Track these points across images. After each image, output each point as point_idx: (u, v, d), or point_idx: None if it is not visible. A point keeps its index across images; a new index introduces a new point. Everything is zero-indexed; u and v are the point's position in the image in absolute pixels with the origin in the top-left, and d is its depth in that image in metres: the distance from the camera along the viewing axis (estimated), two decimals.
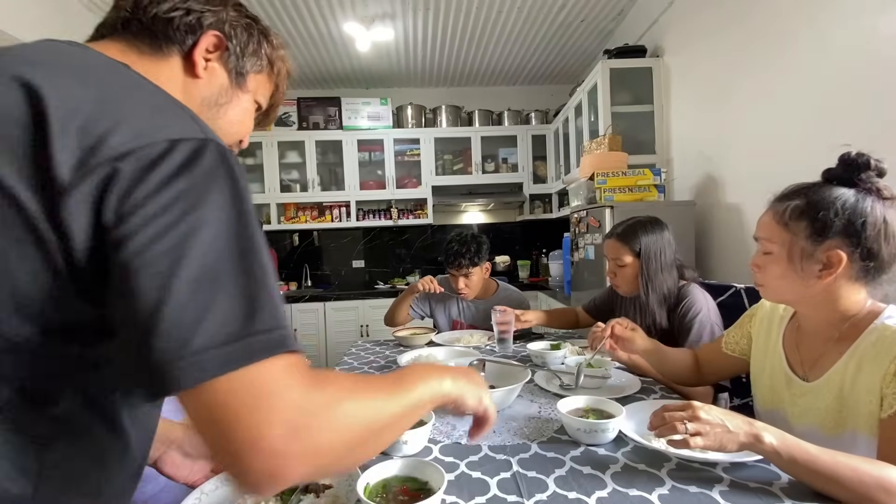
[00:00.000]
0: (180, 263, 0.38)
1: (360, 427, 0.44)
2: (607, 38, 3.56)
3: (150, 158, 0.41)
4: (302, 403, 0.40)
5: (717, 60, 2.32)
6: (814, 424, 0.89)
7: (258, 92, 0.69)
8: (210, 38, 0.61)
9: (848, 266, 0.83)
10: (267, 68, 0.69)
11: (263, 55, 0.68)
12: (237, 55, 0.64)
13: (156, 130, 0.42)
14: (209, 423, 0.38)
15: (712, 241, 2.43)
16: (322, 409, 0.41)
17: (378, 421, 0.46)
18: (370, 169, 4.25)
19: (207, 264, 0.39)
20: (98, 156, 0.40)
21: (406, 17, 3.15)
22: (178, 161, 0.41)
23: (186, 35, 0.59)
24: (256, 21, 0.67)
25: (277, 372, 0.40)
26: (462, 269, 1.98)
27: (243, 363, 0.38)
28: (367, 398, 0.46)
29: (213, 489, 0.81)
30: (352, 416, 0.43)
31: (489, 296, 2.14)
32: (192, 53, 0.60)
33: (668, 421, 0.79)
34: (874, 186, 0.85)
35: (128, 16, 0.58)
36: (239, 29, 0.64)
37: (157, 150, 0.41)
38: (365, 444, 0.45)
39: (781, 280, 0.90)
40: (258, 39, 0.67)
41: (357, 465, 0.60)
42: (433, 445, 0.96)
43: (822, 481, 0.71)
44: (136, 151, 0.40)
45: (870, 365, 0.81)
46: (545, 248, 4.45)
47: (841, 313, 0.88)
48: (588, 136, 3.10)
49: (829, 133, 1.66)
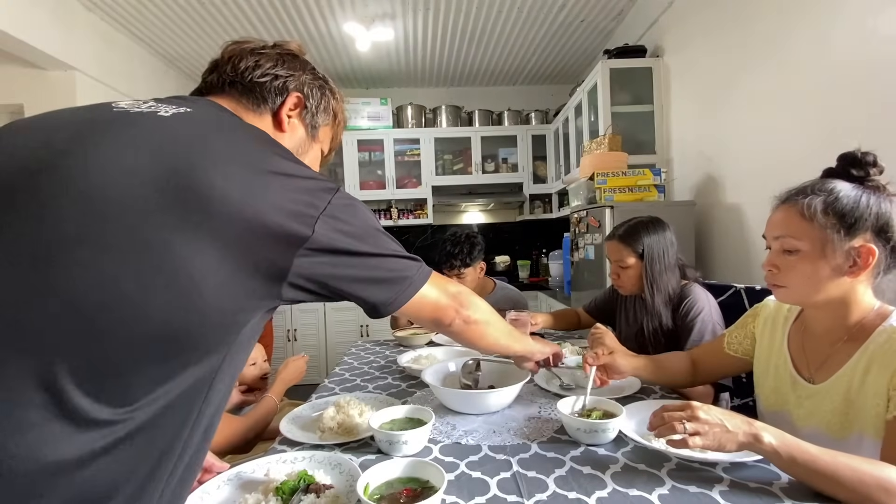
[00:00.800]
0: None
1: (487, 307, 0.90)
2: (607, 38, 3.56)
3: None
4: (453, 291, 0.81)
5: (717, 60, 2.32)
6: (820, 427, 0.88)
7: (325, 142, 0.82)
8: (293, 98, 0.74)
9: (876, 261, 0.82)
10: (332, 120, 0.82)
11: (331, 109, 0.81)
12: (313, 112, 0.77)
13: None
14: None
15: (712, 241, 2.43)
16: (463, 293, 0.84)
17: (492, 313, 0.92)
18: (370, 169, 4.25)
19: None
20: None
21: (406, 17, 3.15)
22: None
23: (276, 96, 0.72)
24: (327, 81, 0.81)
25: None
26: (454, 269, 1.98)
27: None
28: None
29: (215, 488, 0.81)
30: (481, 300, 0.89)
31: (486, 295, 2.13)
32: (279, 112, 0.73)
33: (667, 421, 0.79)
34: (879, 184, 0.85)
35: (231, 78, 0.71)
36: (315, 90, 0.77)
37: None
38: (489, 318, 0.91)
39: (809, 279, 0.86)
40: (328, 97, 0.80)
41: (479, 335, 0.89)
42: (433, 445, 0.96)
43: (822, 481, 0.71)
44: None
45: (878, 367, 0.80)
46: (545, 248, 4.45)
47: (853, 314, 0.87)
48: (588, 136, 3.10)
49: (830, 133, 1.66)
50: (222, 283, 0.52)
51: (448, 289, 0.80)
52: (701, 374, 1.20)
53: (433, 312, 0.78)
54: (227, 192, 0.51)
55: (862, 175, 0.86)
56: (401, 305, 0.70)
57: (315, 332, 3.92)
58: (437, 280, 0.78)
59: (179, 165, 0.51)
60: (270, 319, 3.55)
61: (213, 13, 2.97)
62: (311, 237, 0.56)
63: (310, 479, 0.79)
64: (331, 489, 0.78)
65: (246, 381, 1.65)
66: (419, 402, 1.20)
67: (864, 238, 0.82)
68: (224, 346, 0.55)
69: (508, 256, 4.40)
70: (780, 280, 0.90)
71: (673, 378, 1.21)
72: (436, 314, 0.78)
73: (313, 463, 0.88)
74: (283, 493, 0.76)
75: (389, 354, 1.76)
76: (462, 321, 0.82)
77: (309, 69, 0.78)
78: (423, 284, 0.72)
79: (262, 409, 1.40)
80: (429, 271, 0.74)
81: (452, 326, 0.81)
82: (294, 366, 1.59)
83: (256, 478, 0.84)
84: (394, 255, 0.68)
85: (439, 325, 0.81)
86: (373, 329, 3.93)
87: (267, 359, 1.75)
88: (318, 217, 0.57)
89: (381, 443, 0.93)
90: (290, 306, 3.86)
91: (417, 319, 0.79)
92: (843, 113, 1.61)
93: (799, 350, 0.97)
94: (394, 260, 0.68)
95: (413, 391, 1.32)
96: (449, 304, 0.79)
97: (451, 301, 0.80)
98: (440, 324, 0.81)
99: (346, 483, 0.81)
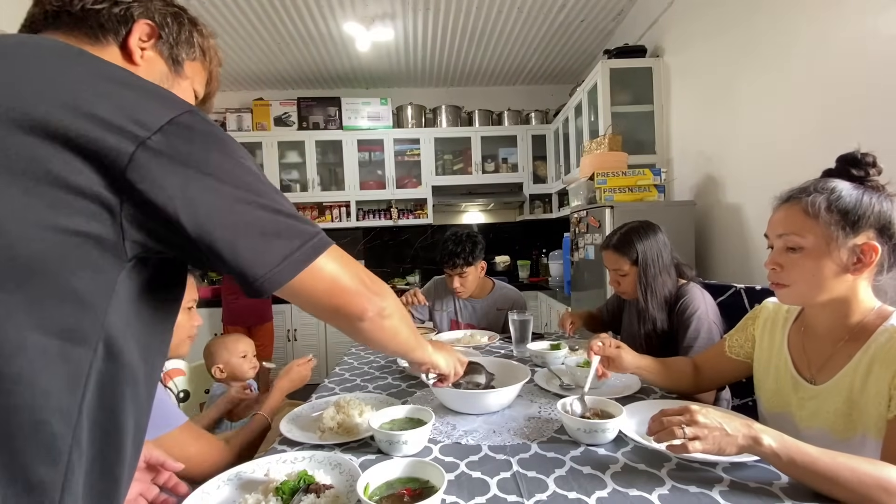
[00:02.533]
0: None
1: (397, 299, 0.69)
2: (607, 38, 3.56)
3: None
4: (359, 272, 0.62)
5: (717, 60, 2.32)
6: (823, 428, 0.88)
7: (195, 80, 0.72)
8: (142, 26, 0.63)
9: (878, 258, 0.83)
10: (200, 56, 0.71)
11: (196, 43, 0.70)
12: (171, 43, 0.66)
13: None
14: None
15: (712, 241, 2.43)
16: (377, 280, 0.65)
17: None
18: (370, 169, 4.26)
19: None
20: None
21: (406, 17, 3.15)
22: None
23: (119, 25, 0.61)
24: (184, 10, 0.70)
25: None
26: (457, 268, 1.98)
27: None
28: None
29: (215, 488, 0.81)
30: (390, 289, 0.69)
31: (485, 295, 2.14)
32: (127, 43, 0.62)
33: (666, 426, 0.78)
34: (878, 184, 0.86)
35: (55, 9, 0.59)
36: (169, 18, 0.66)
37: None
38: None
39: (812, 277, 0.86)
40: (189, 28, 0.69)
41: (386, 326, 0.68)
42: (433, 445, 0.96)
43: (821, 482, 0.71)
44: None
45: (880, 367, 0.81)
46: (545, 248, 4.45)
47: (854, 314, 0.87)
48: (588, 136, 3.10)
49: (830, 132, 1.66)
50: (28, 221, 0.42)
51: (355, 268, 0.61)
52: (704, 379, 1.19)
53: (336, 297, 0.58)
54: (4, 91, 0.43)
55: (862, 175, 0.87)
56: (284, 280, 0.52)
57: (315, 332, 3.92)
58: (342, 255, 0.60)
59: None
60: (270, 321, 3.55)
61: (213, 13, 2.97)
62: (144, 150, 0.44)
63: (310, 479, 0.79)
64: (331, 489, 0.78)
65: (236, 376, 1.65)
66: (419, 402, 1.20)
67: (867, 235, 0.83)
68: (87, 327, 0.46)
69: (508, 256, 4.40)
70: (782, 278, 0.90)
71: (676, 383, 1.20)
72: (341, 301, 0.59)
73: (313, 463, 0.88)
74: (283, 493, 0.76)
75: (389, 354, 1.76)
76: (377, 314, 0.63)
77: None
78: (319, 255, 0.55)
79: (251, 430, 1.19)
80: (329, 241, 0.57)
81: (365, 321, 0.62)
82: (297, 374, 1.42)
83: (256, 478, 0.84)
84: (278, 210, 0.52)
85: (346, 316, 0.61)
86: None
87: (256, 354, 1.74)
88: (158, 128, 0.46)
89: (381, 443, 0.93)
90: (289, 306, 3.86)
91: (312, 306, 0.59)
92: (843, 113, 1.61)
93: (800, 351, 0.97)
94: (278, 217, 0.52)
95: (413, 391, 1.32)
96: (359, 290, 0.60)
97: (362, 286, 0.61)
98: (347, 315, 0.61)
99: (346, 483, 0.81)
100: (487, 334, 1.91)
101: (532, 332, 1.68)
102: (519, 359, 1.56)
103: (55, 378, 0.44)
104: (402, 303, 0.83)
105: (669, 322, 1.48)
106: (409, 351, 0.83)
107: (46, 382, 0.44)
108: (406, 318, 0.75)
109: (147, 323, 0.52)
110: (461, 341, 1.85)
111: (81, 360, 0.46)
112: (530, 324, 1.66)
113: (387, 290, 0.67)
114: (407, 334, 0.76)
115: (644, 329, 1.49)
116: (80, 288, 0.45)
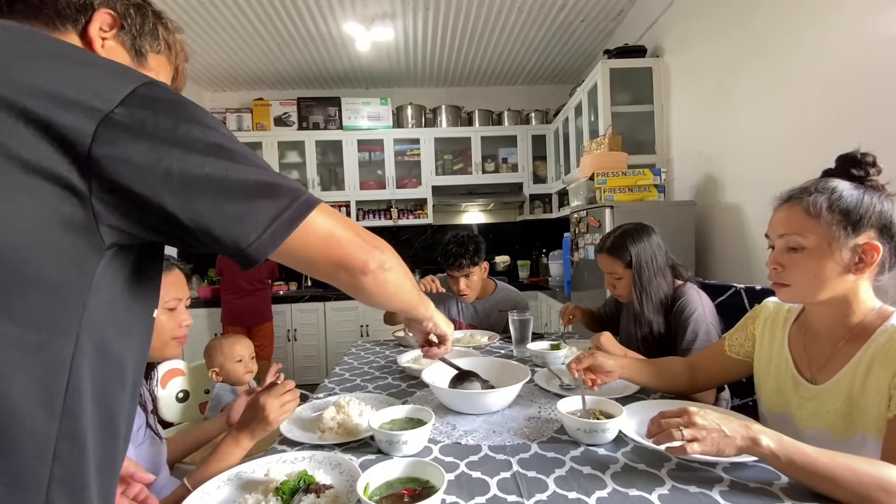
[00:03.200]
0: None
1: (396, 254, 0.68)
2: (607, 38, 3.56)
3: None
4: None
5: (717, 60, 2.32)
6: (823, 428, 0.88)
7: (160, 73, 0.70)
8: (103, 15, 0.61)
9: (880, 258, 0.83)
10: (166, 50, 0.70)
11: (160, 36, 0.68)
12: (133, 34, 0.64)
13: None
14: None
15: (712, 241, 2.43)
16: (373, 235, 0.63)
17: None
18: (370, 169, 4.26)
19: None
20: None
21: (406, 17, 3.15)
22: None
23: (78, 13, 0.59)
24: (148, 3, 0.68)
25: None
26: (462, 269, 1.98)
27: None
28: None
29: (215, 488, 0.81)
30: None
31: (487, 296, 2.14)
32: (87, 31, 0.60)
33: (665, 428, 0.79)
34: (878, 184, 0.86)
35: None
36: (132, 9, 0.65)
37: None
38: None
39: (814, 277, 0.86)
40: (153, 21, 0.67)
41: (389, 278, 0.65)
42: (433, 445, 0.96)
43: (821, 482, 0.71)
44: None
45: (879, 366, 0.81)
46: (545, 248, 4.45)
47: (855, 313, 0.87)
48: (588, 136, 3.10)
49: (830, 132, 1.66)
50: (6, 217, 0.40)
51: (350, 223, 0.59)
52: (701, 379, 1.19)
53: (333, 251, 0.56)
54: None
55: (862, 175, 0.87)
56: (278, 241, 0.50)
57: (315, 332, 3.92)
58: (334, 212, 0.57)
59: None
60: (270, 321, 3.55)
61: (213, 13, 2.97)
62: (108, 125, 0.42)
63: (310, 479, 0.79)
64: (331, 489, 0.78)
65: (231, 381, 1.64)
66: (419, 402, 1.20)
67: (869, 235, 0.83)
68: (66, 319, 0.44)
69: (508, 256, 4.40)
70: (784, 278, 0.90)
71: (669, 383, 1.20)
72: (339, 255, 0.57)
73: (313, 463, 0.88)
74: (283, 493, 0.76)
75: (389, 354, 1.76)
76: (378, 266, 0.61)
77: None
78: (310, 212, 0.52)
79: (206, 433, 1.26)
80: (317, 199, 0.54)
81: (367, 274, 0.60)
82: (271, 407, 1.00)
83: (256, 478, 0.84)
84: (257, 168, 0.50)
85: (346, 269, 0.58)
86: (373, 329, 3.93)
87: (254, 357, 1.72)
88: (121, 100, 0.43)
89: (381, 443, 0.93)
90: (289, 306, 3.86)
91: (309, 266, 0.56)
92: (844, 113, 1.61)
93: (800, 350, 0.97)
94: (259, 178, 0.49)
95: (413, 391, 1.32)
96: (360, 243, 0.59)
97: (359, 240, 0.59)
98: (348, 268, 0.58)
99: (346, 483, 0.81)
100: (487, 334, 1.91)
101: (532, 331, 1.68)
102: (519, 359, 1.56)
103: (31, 369, 0.42)
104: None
105: (666, 324, 1.47)
106: (413, 307, 0.81)
107: (22, 373, 0.42)
108: (408, 273, 0.73)
109: (130, 309, 0.50)
110: (461, 341, 1.85)
111: (62, 350, 0.44)
112: (530, 324, 1.66)
113: (385, 244, 0.65)
114: (410, 289, 0.74)
115: (640, 332, 1.49)
116: (52, 277, 0.42)
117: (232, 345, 1.65)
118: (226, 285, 3.47)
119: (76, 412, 0.45)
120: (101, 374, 0.47)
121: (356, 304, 3.92)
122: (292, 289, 4.26)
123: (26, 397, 0.42)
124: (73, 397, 0.44)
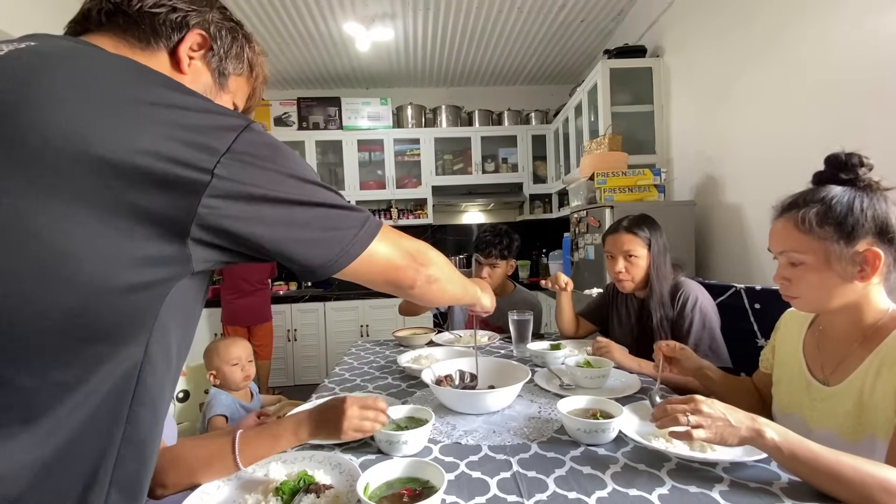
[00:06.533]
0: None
1: (442, 259, 0.79)
2: (607, 38, 3.56)
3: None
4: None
5: (717, 60, 2.32)
6: (833, 429, 0.88)
7: (237, 94, 0.71)
8: (195, 36, 0.62)
9: (884, 262, 0.82)
10: (247, 72, 0.71)
11: (245, 58, 0.70)
12: (221, 56, 0.66)
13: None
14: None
15: (712, 241, 2.43)
16: (421, 249, 0.73)
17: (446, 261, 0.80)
18: (370, 169, 4.26)
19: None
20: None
21: (406, 17, 3.15)
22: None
23: (172, 31, 0.61)
24: (240, 25, 0.69)
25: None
26: (490, 257, 2.03)
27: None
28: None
29: (215, 488, 0.81)
30: (435, 252, 0.78)
31: (506, 295, 2.14)
32: (177, 50, 0.61)
33: (671, 413, 0.79)
34: (870, 182, 0.85)
35: (111, 7, 0.58)
36: (224, 31, 0.66)
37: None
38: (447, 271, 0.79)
39: (820, 289, 0.86)
40: (241, 43, 0.69)
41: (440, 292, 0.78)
42: (433, 445, 0.96)
43: (823, 479, 0.71)
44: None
45: (889, 370, 0.80)
46: (545, 248, 4.45)
47: (868, 316, 0.87)
48: (588, 136, 3.10)
49: (830, 132, 1.66)
50: (102, 251, 0.43)
51: (403, 244, 0.70)
52: (766, 398, 1.14)
53: (389, 274, 0.67)
54: (70, 129, 0.41)
55: (851, 177, 0.86)
56: (343, 266, 0.59)
57: (315, 332, 3.92)
58: (390, 234, 0.67)
59: (4, 109, 0.42)
60: (270, 321, 3.55)
61: None
62: (211, 182, 0.46)
63: (310, 479, 0.79)
64: (331, 489, 0.78)
65: (228, 385, 1.63)
66: (419, 402, 1.20)
67: (867, 242, 0.82)
68: (141, 330, 0.47)
69: None
70: (792, 292, 0.91)
71: (739, 397, 1.13)
72: (393, 276, 0.68)
73: (313, 463, 0.88)
74: (283, 493, 0.76)
75: (389, 354, 1.76)
76: (424, 282, 0.72)
77: (218, 6, 0.66)
78: (372, 240, 0.61)
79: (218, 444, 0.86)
80: (378, 224, 0.64)
81: (415, 289, 0.72)
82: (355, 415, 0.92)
83: (256, 478, 0.84)
84: (331, 206, 0.57)
85: (398, 288, 0.71)
86: (373, 329, 3.93)
87: (252, 359, 1.71)
88: (219, 158, 0.47)
89: (381, 443, 0.93)
90: (289, 306, 3.86)
91: (369, 282, 0.67)
92: (844, 113, 1.61)
93: (814, 353, 0.97)
94: (332, 211, 0.57)
95: (413, 391, 1.32)
96: (407, 265, 0.69)
97: (410, 261, 0.70)
98: (399, 287, 0.71)
99: (346, 483, 0.81)
100: (487, 334, 1.91)
101: (532, 331, 1.68)
102: (519, 359, 1.56)
103: (108, 377, 0.46)
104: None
105: (672, 313, 1.49)
106: (458, 301, 0.94)
107: (99, 382, 0.46)
108: (451, 274, 0.83)
109: (191, 309, 0.55)
110: (461, 341, 1.85)
111: (133, 358, 0.48)
112: (530, 324, 1.66)
113: (431, 258, 0.74)
114: (453, 289, 0.85)
115: (657, 315, 1.48)
116: (140, 302, 0.47)
117: (228, 347, 1.63)
118: (226, 285, 3.46)
119: (138, 416, 0.50)
120: (158, 373, 0.51)
121: (356, 304, 3.93)
122: (292, 289, 4.26)
123: (104, 405, 0.47)
124: (138, 402, 0.49)
